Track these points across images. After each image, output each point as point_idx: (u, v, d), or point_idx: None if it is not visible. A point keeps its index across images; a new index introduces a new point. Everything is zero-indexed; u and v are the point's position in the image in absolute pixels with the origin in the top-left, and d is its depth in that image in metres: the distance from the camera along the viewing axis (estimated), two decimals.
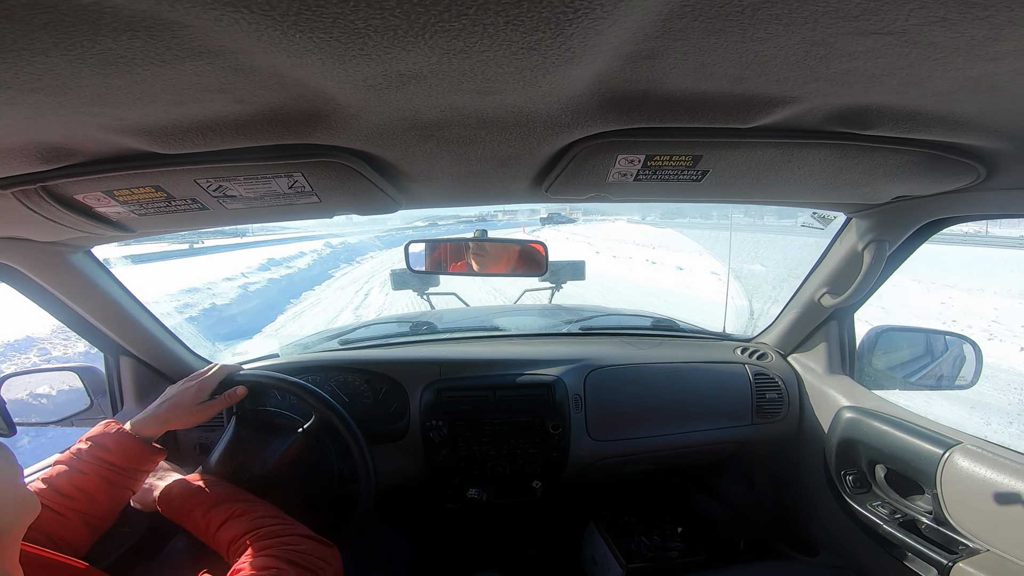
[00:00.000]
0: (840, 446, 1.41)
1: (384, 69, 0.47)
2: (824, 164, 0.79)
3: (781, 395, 1.59)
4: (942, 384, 1.62)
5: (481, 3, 0.36)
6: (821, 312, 1.51)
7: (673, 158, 0.77)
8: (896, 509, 1.27)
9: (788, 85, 0.54)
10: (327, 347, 1.77)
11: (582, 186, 0.89)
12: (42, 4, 0.33)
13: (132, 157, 0.69)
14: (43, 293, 1.18)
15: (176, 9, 0.35)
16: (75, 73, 0.43)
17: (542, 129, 0.68)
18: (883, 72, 0.50)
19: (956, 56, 0.45)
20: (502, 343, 1.77)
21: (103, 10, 0.34)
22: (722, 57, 0.47)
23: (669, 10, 0.39)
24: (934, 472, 1.12)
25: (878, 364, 1.56)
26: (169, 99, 0.51)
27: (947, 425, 1.20)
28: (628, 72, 0.52)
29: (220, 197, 0.80)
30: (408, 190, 0.97)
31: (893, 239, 1.18)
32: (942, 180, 0.85)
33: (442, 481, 1.52)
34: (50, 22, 0.35)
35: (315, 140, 0.67)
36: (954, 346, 1.58)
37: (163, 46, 0.40)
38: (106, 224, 0.87)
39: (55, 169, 0.69)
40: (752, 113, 0.62)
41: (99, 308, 1.27)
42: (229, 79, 0.48)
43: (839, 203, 1.17)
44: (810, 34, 0.42)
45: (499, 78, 0.50)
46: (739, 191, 0.95)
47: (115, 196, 0.76)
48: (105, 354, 1.42)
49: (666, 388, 1.58)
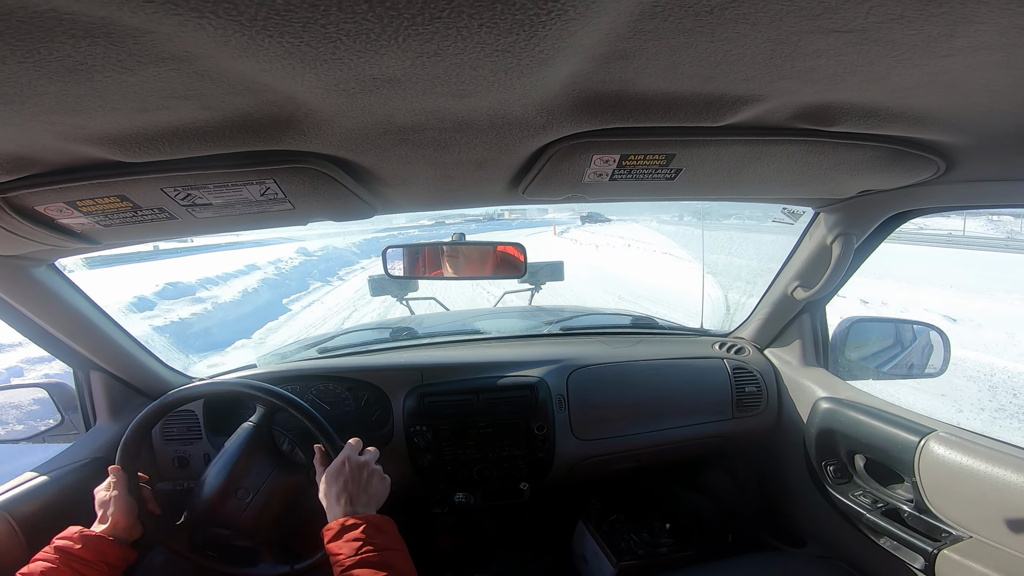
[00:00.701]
0: (819, 437, 1.44)
1: (357, 73, 0.46)
2: (791, 160, 0.82)
3: (760, 388, 1.62)
4: (912, 373, 1.67)
5: (455, 6, 0.36)
6: (794, 305, 1.55)
7: (647, 157, 0.78)
8: (878, 498, 1.29)
9: (755, 84, 0.56)
10: (306, 356, 1.74)
11: (558, 187, 0.90)
12: None
13: (95, 167, 0.67)
14: (6, 308, 1.13)
15: (137, 15, 0.34)
16: (32, 81, 0.42)
17: (517, 131, 0.68)
18: (845, 70, 0.52)
19: (913, 53, 0.47)
20: (483, 346, 1.77)
21: (60, 17, 0.33)
22: (692, 57, 0.48)
23: (640, 11, 0.39)
24: (911, 460, 1.14)
25: (851, 355, 1.60)
26: (132, 106, 0.50)
27: (920, 413, 1.22)
28: (601, 73, 0.52)
29: (189, 206, 0.78)
30: (383, 195, 0.97)
31: (860, 232, 1.21)
32: (904, 174, 0.88)
33: (429, 486, 1.51)
34: (5, 29, 0.34)
35: (287, 146, 0.66)
36: (922, 335, 1.62)
37: (124, 52, 0.39)
38: (69, 236, 0.84)
39: (14, 180, 0.66)
40: (722, 112, 0.63)
41: (65, 322, 1.22)
42: (195, 85, 0.47)
43: (807, 198, 1.20)
44: (775, 33, 0.44)
45: (474, 81, 0.50)
46: (711, 189, 0.97)
47: (78, 207, 0.74)
48: (75, 369, 1.38)
49: (647, 385, 1.60)
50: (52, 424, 1.41)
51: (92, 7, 0.33)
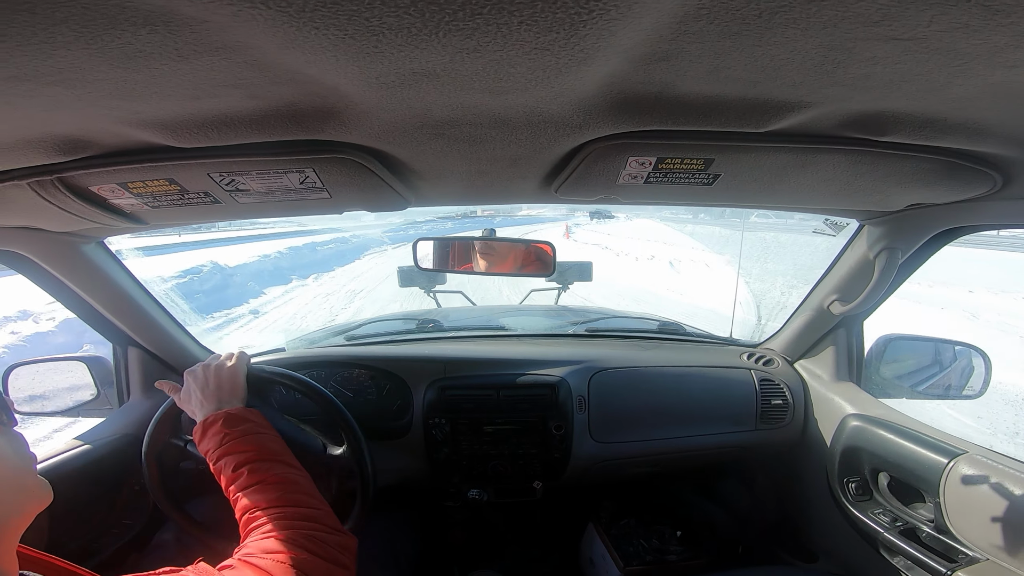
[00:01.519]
0: (844, 454, 1.40)
1: (397, 67, 0.47)
2: (838, 170, 0.79)
3: (786, 401, 1.58)
4: (950, 394, 1.61)
5: (495, 3, 0.36)
6: (830, 319, 1.50)
7: (685, 161, 0.77)
8: (897, 517, 1.26)
9: (804, 90, 0.54)
10: (333, 342, 1.77)
11: (592, 188, 0.89)
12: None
13: (147, 150, 0.69)
14: (55, 282, 1.19)
15: (194, 4, 0.35)
16: (95, 67, 0.43)
17: (553, 130, 0.68)
18: (902, 78, 0.49)
19: (977, 63, 0.45)
20: (507, 343, 1.77)
21: (124, 4, 0.35)
22: (737, 60, 0.47)
23: (684, 12, 0.39)
24: (938, 480, 1.11)
25: (886, 372, 1.55)
26: (185, 93, 0.51)
27: (953, 435, 1.19)
28: (641, 74, 0.51)
29: (232, 191, 0.80)
30: (418, 188, 0.98)
31: (906, 247, 1.16)
32: (957, 188, 0.84)
33: (443, 480, 1.52)
34: (71, 16, 0.35)
35: (327, 136, 0.67)
36: (963, 356, 1.56)
37: (181, 41, 0.40)
38: (119, 216, 0.87)
39: (71, 161, 0.70)
40: (766, 117, 0.62)
41: (110, 298, 1.28)
42: (244, 74, 0.48)
43: (852, 210, 1.16)
44: (828, 39, 0.42)
45: (511, 78, 0.50)
46: (750, 196, 0.94)
47: (129, 188, 0.77)
48: (114, 344, 1.44)
49: (670, 391, 1.57)
50: (88, 398, 1.45)
51: None
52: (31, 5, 0.33)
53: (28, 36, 0.37)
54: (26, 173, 0.72)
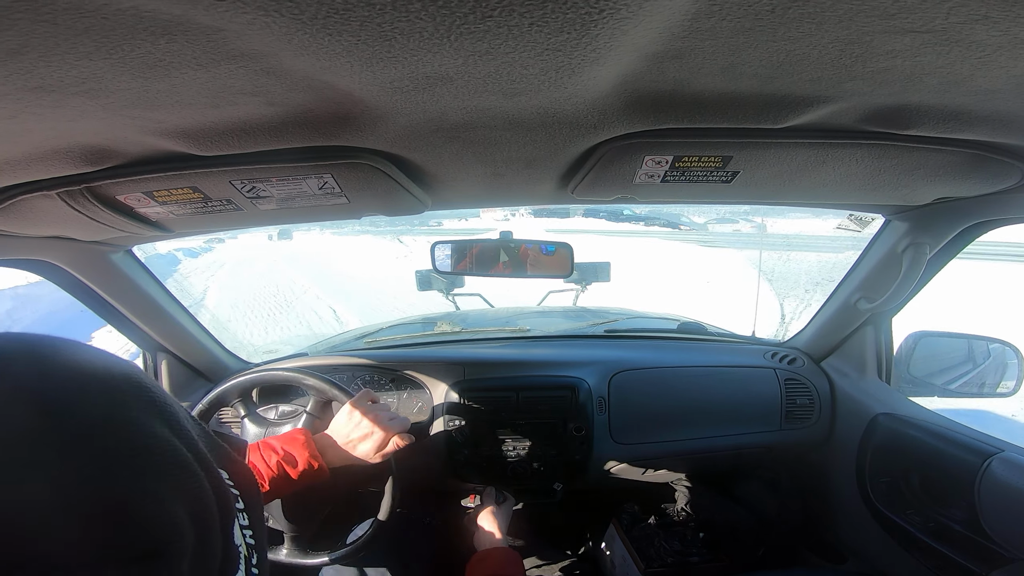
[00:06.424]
0: (874, 453, 1.37)
1: (411, 71, 0.47)
2: (861, 165, 0.77)
3: (812, 400, 1.55)
4: (983, 392, 1.55)
5: (506, 5, 0.36)
6: (857, 317, 1.47)
7: (702, 159, 0.76)
8: (929, 517, 1.23)
9: (822, 85, 0.53)
10: (354, 346, 1.80)
11: (608, 187, 0.89)
12: (84, 8, 0.34)
13: (170, 159, 0.71)
14: (86, 291, 1.23)
15: (210, 13, 0.36)
16: (117, 76, 0.45)
17: (568, 130, 0.68)
18: (922, 71, 0.48)
19: (999, 55, 0.44)
20: (526, 344, 1.77)
21: (142, 15, 0.36)
22: (752, 56, 0.46)
23: (696, 9, 0.38)
24: (972, 480, 1.08)
25: (916, 371, 1.50)
26: (205, 102, 0.53)
27: (989, 433, 1.15)
28: (655, 72, 0.51)
29: (253, 198, 0.82)
30: (435, 191, 0.98)
31: (934, 242, 1.13)
32: (985, 181, 0.81)
33: (463, 481, 1.52)
34: (92, 26, 0.37)
35: (344, 142, 0.68)
36: (997, 353, 1.51)
37: (199, 49, 0.42)
38: (146, 224, 0.90)
39: (98, 171, 0.72)
40: (784, 113, 0.61)
41: (139, 306, 1.32)
42: (261, 82, 0.49)
43: (877, 204, 1.13)
44: (844, 32, 0.41)
45: (524, 79, 0.50)
46: (771, 192, 0.92)
47: (155, 197, 0.79)
48: (144, 351, 1.48)
49: (692, 392, 1.55)
50: None
51: (168, 5, 0.35)
52: (52, 16, 0.35)
53: (51, 47, 0.39)
54: (55, 183, 0.74)
